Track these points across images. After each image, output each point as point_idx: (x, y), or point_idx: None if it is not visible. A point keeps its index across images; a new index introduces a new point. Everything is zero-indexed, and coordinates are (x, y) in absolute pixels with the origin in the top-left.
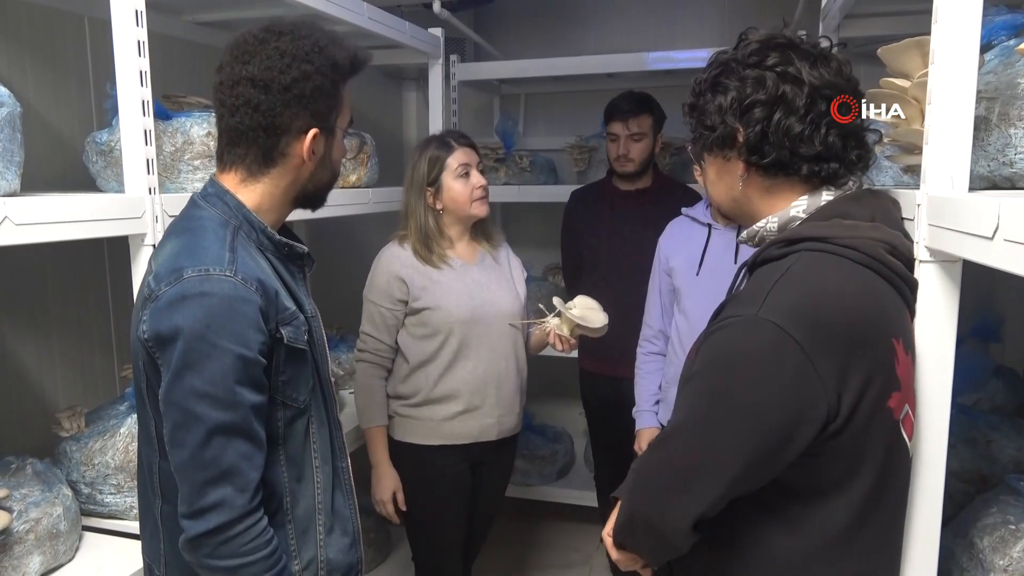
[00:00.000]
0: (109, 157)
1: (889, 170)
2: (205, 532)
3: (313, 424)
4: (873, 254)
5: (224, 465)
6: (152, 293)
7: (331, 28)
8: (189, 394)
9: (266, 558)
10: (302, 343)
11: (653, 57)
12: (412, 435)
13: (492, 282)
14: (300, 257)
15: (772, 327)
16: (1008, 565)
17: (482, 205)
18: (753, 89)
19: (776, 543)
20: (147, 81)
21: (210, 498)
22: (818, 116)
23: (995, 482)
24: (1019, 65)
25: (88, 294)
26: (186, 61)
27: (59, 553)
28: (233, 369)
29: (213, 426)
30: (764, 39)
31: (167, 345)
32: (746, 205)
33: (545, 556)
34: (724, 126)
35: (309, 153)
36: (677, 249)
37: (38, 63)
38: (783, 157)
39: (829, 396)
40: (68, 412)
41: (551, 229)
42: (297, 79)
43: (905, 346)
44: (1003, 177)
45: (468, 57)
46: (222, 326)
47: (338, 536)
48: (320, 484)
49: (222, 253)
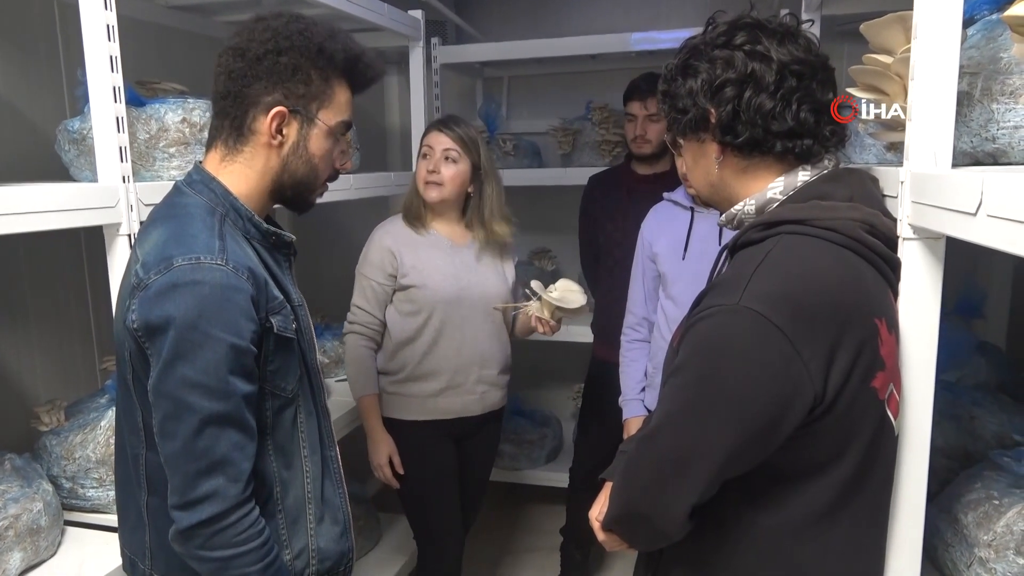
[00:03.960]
0: (82, 146)
1: (872, 147)
2: (198, 523)
3: (301, 413)
4: (852, 235)
5: (216, 455)
6: (141, 282)
7: (309, 11)
8: (181, 384)
9: (258, 548)
10: (290, 332)
11: (636, 38)
12: (398, 411)
13: (480, 264)
14: (287, 246)
15: (754, 315)
16: (992, 540)
17: (429, 190)
18: (723, 69)
19: (762, 524)
20: (118, 67)
21: (202, 489)
22: (788, 92)
23: (979, 458)
24: (1002, 39)
25: (66, 285)
26: (160, 46)
27: (40, 549)
28: (226, 358)
29: (206, 416)
30: (732, 21)
31: (157, 334)
32: (724, 189)
33: (534, 539)
34: (696, 108)
35: (273, 131)
36: (660, 234)
37: (7, 50)
38: (756, 135)
39: (814, 380)
40: (47, 406)
41: (535, 213)
42: (271, 51)
43: (889, 326)
44: (986, 153)
45: (450, 40)
46: (214, 315)
47: (329, 525)
48: (309, 473)
49: (212, 241)
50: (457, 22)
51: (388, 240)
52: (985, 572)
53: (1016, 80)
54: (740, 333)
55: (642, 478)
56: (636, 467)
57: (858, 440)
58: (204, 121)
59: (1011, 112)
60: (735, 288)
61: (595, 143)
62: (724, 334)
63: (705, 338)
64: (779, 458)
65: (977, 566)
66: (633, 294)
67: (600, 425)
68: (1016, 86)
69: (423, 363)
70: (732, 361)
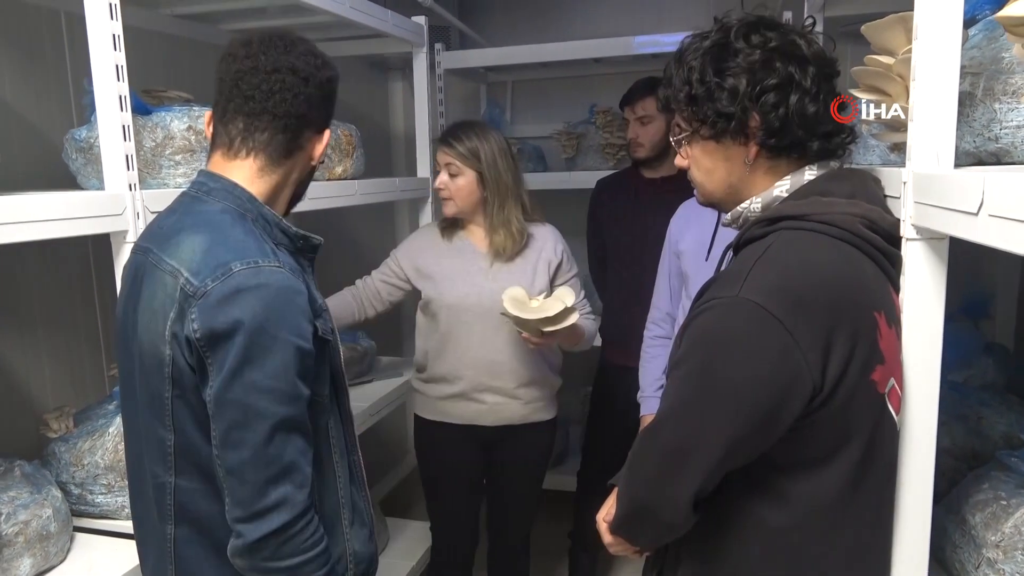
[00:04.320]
0: (89, 154)
1: (876, 149)
2: (269, 533)
3: (331, 419)
4: (851, 228)
5: (285, 461)
6: (197, 290)
7: (313, 19)
8: (251, 390)
9: (322, 553)
10: (329, 335)
11: (640, 41)
12: (419, 407)
13: (501, 272)
14: (313, 249)
15: (753, 307)
16: (1000, 541)
17: (444, 205)
18: (764, 73)
19: (767, 517)
20: (124, 75)
21: (272, 497)
22: (827, 95)
23: (986, 458)
24: (1003, 39)
25: (74, 292)
26: (166, 55)
27: (50, 555)
28: (293, 361)
29: (277, 421)
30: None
31: (223, 341)
32: (743, 190)
33: (540, 542)
34: (740, 111)
35: (321, 153)
36: (686, 232)
37: (15, 59)
38: (800, 138)
39: (812, 371)
40: (56, 413)
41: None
42: (330, 79)
43: (888, 319)
44: (989, 152)
45: (453, 45)
46: (280, 318)
47: (359, 528)
48: (341, 478)
49: (262, 246)
50: (461, 27)
51: (417, 242)
52: (993, 573)
53: (1018, 80)
54: (739, 324)
55: (646, 470)
56: (640, 460)
57: (859, 433)
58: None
59: (1013, 112)
60: (735, 281)
61: (599, 147)
62: (724, 326)
63: (705, 330)
64: (781, 450)
65: (985, 567)
66: (659, 289)
67: (608, 429)
68: (1018, 85)
69: (436, 366)
70: (731, 352)
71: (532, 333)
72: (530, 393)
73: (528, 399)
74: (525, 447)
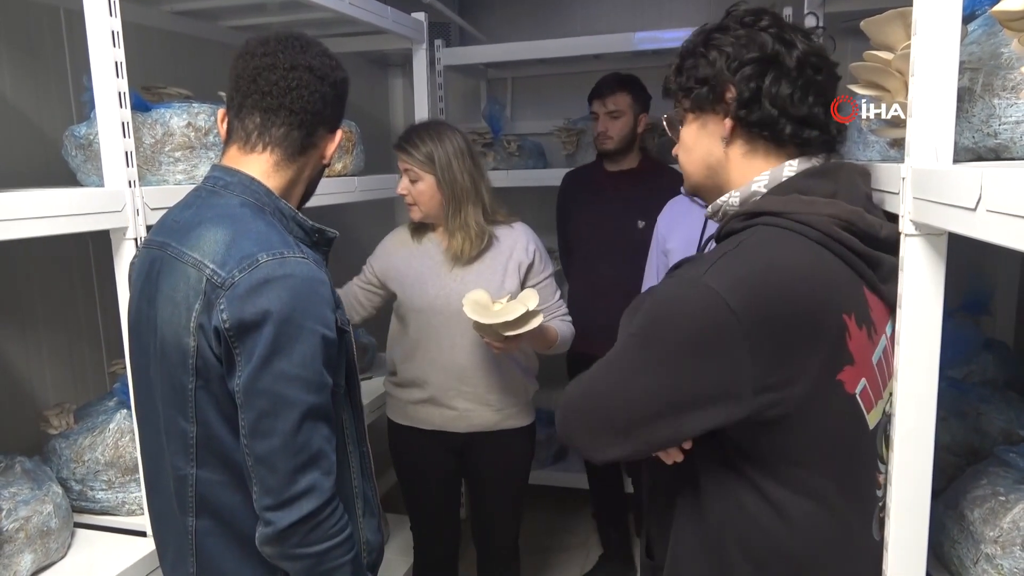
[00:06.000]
0: (88, 151)
1: (876, 145)
2: (299, 520)
3: (345, 410)
4: (825, 230)
5: (313, 449)
6: (225, 281)
7: (313, 15)
8: (280, 379)
9: (348, 539)
10: (346, 326)
11: (640, 37)
12: (390, 411)
13: (468, 275)
14: (328, 243)
15: (711, 292)
16: (998, 536)
17: (410, 210)
18: (748, 47)
19: (759, 518)
20: (123, 72)
21: (301, 484)
22: (807, 83)
23: (985, 454)
24: (1002, 35)
25: (74, 289)
26: (165, 51)
27: (51, 551)
28: (319, 350)
29: (305, 410)
30: (756, 8)
31: (251, 331)
32: (720, 173)
33: (542, 539)
34: (717, 81)
35: (332, 152)
36: (675, 229)
37: (14, 57)
38: (771, 115)
39: (759, 366)
40: (56, 409)
41: (540, 214)
42: (343, 80)
43: (858, 320)
44: (988, 148)
45: (453, 42)
46: (308, 307)
47: (369, 518)
48: (355, 469)
49: (285, 238)
50: (460, 24)
51: (387, 245)
52: (992, 568)
53: (1017, 75)
54: (693, 304)
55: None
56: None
57: (826, 432)
58: (209, 125)
59: (1012, 107)
60: (701, 265)
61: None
62: (678, 300)
63: (660, 301)
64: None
65: (983, 562)
66: (647, 287)
67: None
68: (1017, 81)
69: (405, 370)
70: (679, 327)
71: (493, 338)
72: (502, 400)
73: (500, 406)
74: (501, 454)
